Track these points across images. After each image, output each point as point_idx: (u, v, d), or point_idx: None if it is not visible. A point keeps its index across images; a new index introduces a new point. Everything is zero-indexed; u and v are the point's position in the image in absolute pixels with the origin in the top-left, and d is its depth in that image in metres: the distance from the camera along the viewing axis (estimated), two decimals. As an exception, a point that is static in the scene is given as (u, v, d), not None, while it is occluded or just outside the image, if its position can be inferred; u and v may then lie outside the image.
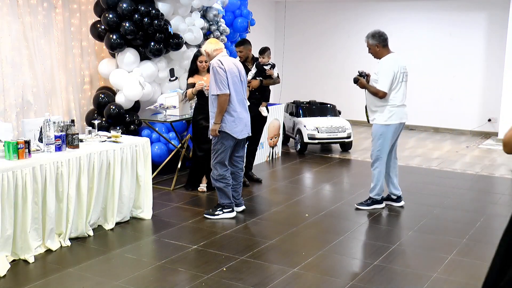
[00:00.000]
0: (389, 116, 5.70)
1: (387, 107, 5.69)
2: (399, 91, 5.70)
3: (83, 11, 7.00)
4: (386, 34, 5.73)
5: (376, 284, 4.13)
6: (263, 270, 4.34)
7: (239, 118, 5.38)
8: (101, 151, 5.02)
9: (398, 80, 5.67)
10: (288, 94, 11.79)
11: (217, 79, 5.23)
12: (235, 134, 5.37)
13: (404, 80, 5.74)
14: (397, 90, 5.69)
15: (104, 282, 4.07)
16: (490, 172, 7.89)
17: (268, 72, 6.75)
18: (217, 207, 5.58)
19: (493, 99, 10.83)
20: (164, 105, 6.62)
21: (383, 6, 11.81)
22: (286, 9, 12.06)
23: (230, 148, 5.44)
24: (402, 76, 5.70)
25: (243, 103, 5.47)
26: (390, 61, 5.65)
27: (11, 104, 6.20)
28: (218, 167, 5.45)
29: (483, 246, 4.94)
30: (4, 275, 4.10)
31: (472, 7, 10.97)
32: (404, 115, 5.82)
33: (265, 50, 6.84)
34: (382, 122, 5.71)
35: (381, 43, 5.68)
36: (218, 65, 5.25)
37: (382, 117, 5.70)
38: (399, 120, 5.77)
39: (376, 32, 5.70)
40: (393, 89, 5.66)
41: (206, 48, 5.46)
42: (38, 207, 4.48)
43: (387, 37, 5.72)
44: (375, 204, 5.94)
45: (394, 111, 5.70)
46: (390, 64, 5.64)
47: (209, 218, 5.51)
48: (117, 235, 5.12)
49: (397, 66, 5.66)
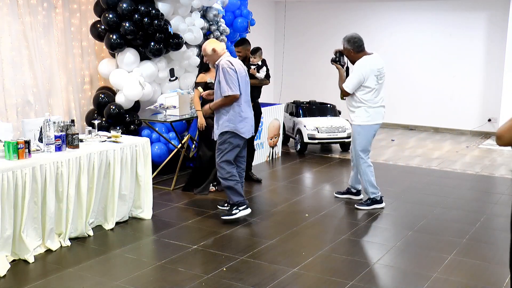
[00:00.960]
0: (367, 116, 5.78)
1: (364, 107, 5.77)
2: (375, 92, 5.75)
3: (83, 11, 7.00)
4: (361, 40, 5.78)
5: (376, 284, 4.13)
6: (263, 270, 4.34)
7: (247, 118, 5.42)
8: (101, 151, 5.02)
9: (372, 82, 5.69)
10: (288, 94, 11.80)
11: (228, 80, 5.23)
12: (243, 134, 5.38)
13: (379, 82, 5.77)
14: (373, 91, 5.74)
15: (104, 282, 4.07)
16: (490, 172, 7.89)
17: (251, 72, 6.79)
18: (232, 206, 5.48)
19: (493, 99, 10.83)
20: (164, 105, 6.62)
21: (383, 6, 11.80)
22: (286, 9, 12.06)
23: (238, 148, 5.44)
24: (376, 78, 5.72)
25: (249, 103, 5.50)
26: (361, 64, 5.71)
27: (11, 104, 6.20)
28: (226, 166, 5.39)
29: (483, 246, 4.94)
30: (4, 275, 4.10)
31: (472, 7, 10.97)
32: (381, 116, 5.89)
33: (257, 50, 6.94)
34: (359, 122, 5.80)
35: (354, 49, 5.76)
36: (228, 65, 5.24)
37: (360, 117, 5.79)
38: (376, 121, 5.85)
39: (351, 37, 5.77)
40: (369, 90, 5.72)
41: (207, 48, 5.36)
42: (38, 207, 4.48)
43: (361, 43, 5.77)
44: (374, 204, 5.95)
45: (371, 112, 5.77)
46: (360, 67, 5.71)
47: (228, 220, 5.44)
48: (117, 235, 5.12)
49: (369, 69, 5.69)
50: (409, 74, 11.67)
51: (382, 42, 11.65)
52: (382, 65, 5.82)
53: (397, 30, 11.62)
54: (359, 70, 5.70)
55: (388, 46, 11.65)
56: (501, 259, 4.62)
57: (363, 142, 5.86)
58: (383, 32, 11.76)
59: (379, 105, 5.83)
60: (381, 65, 5.81)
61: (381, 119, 5.90)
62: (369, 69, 5.69)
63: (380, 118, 5.89)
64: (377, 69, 5.73)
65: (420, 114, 11.59)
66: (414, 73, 11.60)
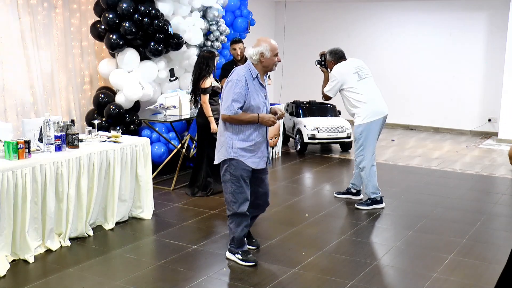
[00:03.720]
0: (366, 115, 5.80)
1: (361, 105, 5.81)
2: (364, 87, 5.83)
3: (83, 11, 7.00)
4: (342, 51, 6.03)
5: (376, 284, 4.13)
6: (263, 270, 4.34)
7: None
8: (101, 151, 5.02)
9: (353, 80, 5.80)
10: (288, 94, 11.80)
11: None
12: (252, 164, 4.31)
13: (364, 77, 5.87)
14: (362, 88, 5.81)
15: (104, 282, 4.07)
16: (490, 172, 7.89)
17: None
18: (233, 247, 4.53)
19: (493, 99, 10.83)
20: (164, 105, 6.63)
21: (383, 6, 11.80)
22: (286, 9, 12.06)
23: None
24: (357, 75, 5.84)
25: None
26: (335, 69, 5.92)
27: (11, 104, 6.20)
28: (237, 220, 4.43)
29: (483, 246, 4.94)
30: (4, 275, 4.10)
31: (472, 8, 10.97)
32: (381, 109, 5.88)
33: None
34: (359, 122, 5.83)
35: (335, 60, 5.98)
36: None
37: (359, 117, 5.83)
38: (377, 116, 5.84)
39: (333, 50, 6.05)
40: (355, 89, 5.80)
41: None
42: (38, 207, 4.48)
43: (342, 54, 6.00)
44: (375, 204, 5.95)
45: (368, 108, 5.80)
46: (335, 71, 5.90)
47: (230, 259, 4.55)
48: (117, 235, 5.12)
49: (344, 70, 5.85)
50: (409, 74, 11.66)
51: (382, 42, 11.65)
52: (359, 63, 5.98)
53: (397, 31, 11.62)
54: (334, 74, 5.89)
55: (388, 46, 11.66)
56: (501, 259, 4.62)
57: (367, 140, 5.84)
58: (383, 32, 11.76)
59: (373, 100, 5.82)
60: (358, 63, 5.97)
61: (380, 114, 5.85)
62: (344, 70, 5.85)
63: (381, 112, 5.86)
64: (353, 67, 5.88)
65: (420, 114, 11.59)
66: (414, 73, 11.60)
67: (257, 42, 4.31)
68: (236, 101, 4.14)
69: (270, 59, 4.25)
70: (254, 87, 4.23)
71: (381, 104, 5.90)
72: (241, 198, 4.30)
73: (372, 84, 5.93)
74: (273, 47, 4.26)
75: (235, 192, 4.29)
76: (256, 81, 4.25)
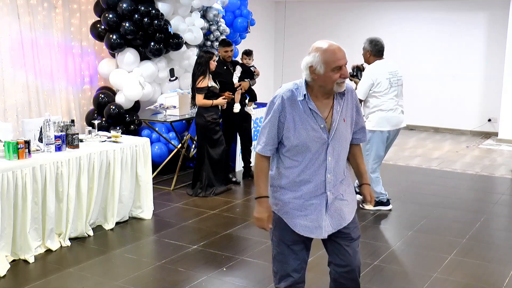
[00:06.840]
0: (378, 122, 5.65)
1: (377, 112, 5.65)
2: (388, 95, 5.62)
3: (83, 11, 7.00)
4: (383, 46, 5.75)
5: (376, 284, 4.13)
6: (263, 270, 4.33)
7: None
8: (101, 151, 5.02)
9: (384, 86, 5.59)
10: (288, 94, 11.78)
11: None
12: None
13: (394, 85, 5.65)
14: (386, 95, 5.63)
15: (104, 282, 4.07)
16: (490, 172, 7.89)
17: (257, 72, 7.01)
18: None
19: (493, 99, 10.82)
20: (164, 105, 6.63)
21: (383, 6, 11.80)
22: (286, 9, 12.06)
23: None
24: (389, 81, 5.62)
25: None
26: (370, 69, 5.68)
27: (11, 104, 6.20)
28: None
29: (483, 246, 4.94)
30: (4, 275, 4.10)
31: (472, 7, 10.96)
32: (394, 121, 5.70)
33: (251, 53, 7.10)
34: (370, 127, 5.62)
35: (373, 52, 5.72)
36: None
37: (370, 122, 5.66)
38: (390, 127, 5.69)
39: (374, 40, 5.75)
40: (382, 94, 5.62)
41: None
42: (38, 207, 4.48)
43: (382, 49, 5.74)
44: (379, 205, 5.91)
45: (384, 116, 5.63)
46: (370, 72, 5.65)
47: None
48: (117, 235, 5.12)
49: (378, 73, 5.60)
50: (409, 74, 11.61)
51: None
52: (396, 68, 5.71)
53: (397, 30, 11.62)
54: (368, 76, 5.63)
55: (388, 46, 11.55)
56: (501, 259, 4.62)
57: (372, 147, 5.71)
58: (383, 32, 11.72)
59: (391, 111, 5.63)
60: (394, 68, 5.70)
61: (396, 125, 5.70)
62: (378, 73, 5.60)
63: (395, 123, 5.69)
64: (388, 72, 5.62)
65: (420, 114, 11.57)
66: (414, 73, 11.58)
67: (311, 48, 2.80)
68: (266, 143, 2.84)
69: (326, 76, 2.68)
70: (299, 115, 2.74)
71: (396, 117, 5.69)
72: (282, 271, 2.94)
73: (398, 93, 5.69)
74: (329, 57, 2.68)
75: (275, 259, 3.00)
76: (304, 104, 2.74)
